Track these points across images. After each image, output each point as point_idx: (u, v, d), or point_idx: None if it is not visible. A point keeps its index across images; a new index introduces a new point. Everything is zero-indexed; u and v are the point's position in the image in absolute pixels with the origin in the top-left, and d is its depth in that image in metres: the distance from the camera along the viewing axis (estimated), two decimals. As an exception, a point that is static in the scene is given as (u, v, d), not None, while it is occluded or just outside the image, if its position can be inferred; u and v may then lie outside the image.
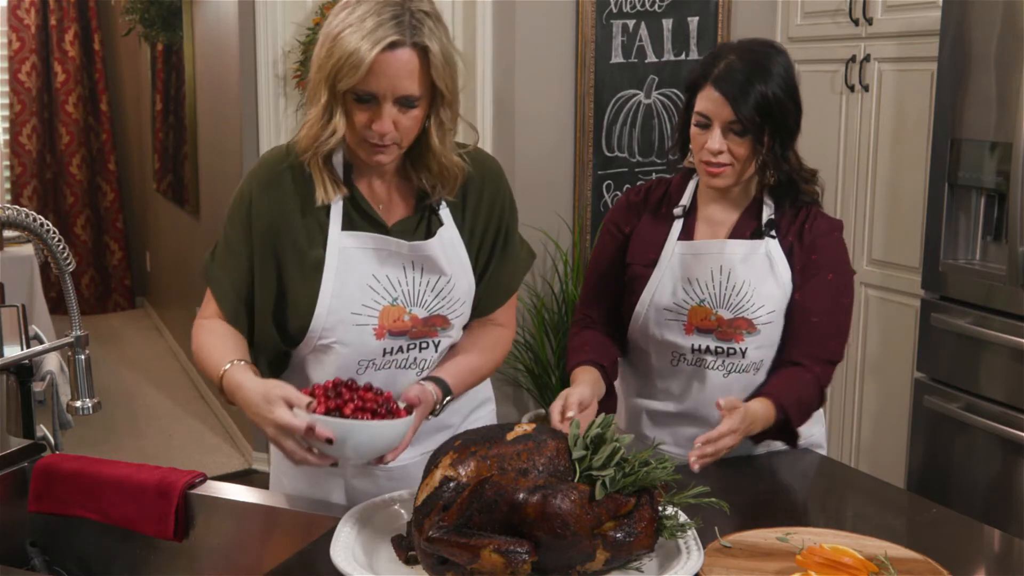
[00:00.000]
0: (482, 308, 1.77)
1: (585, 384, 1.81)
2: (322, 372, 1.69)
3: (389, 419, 1.47)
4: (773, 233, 1.90)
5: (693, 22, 3.93)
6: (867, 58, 3.46)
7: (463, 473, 1.36)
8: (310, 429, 1.43)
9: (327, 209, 1.66)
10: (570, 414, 1.66)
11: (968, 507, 2.82)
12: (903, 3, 3.34)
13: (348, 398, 1.47)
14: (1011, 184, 2.74)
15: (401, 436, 1.50)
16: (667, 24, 3.90)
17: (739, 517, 1.54)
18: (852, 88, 3.53)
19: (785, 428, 1.83)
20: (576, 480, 1.37)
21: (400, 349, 1.69)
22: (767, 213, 1.91)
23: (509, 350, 1.86)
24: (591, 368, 1.90)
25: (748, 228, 1.92)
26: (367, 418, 1.45)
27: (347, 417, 1.44)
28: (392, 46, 1.50)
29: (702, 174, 1.89)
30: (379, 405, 1.48)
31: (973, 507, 2.87)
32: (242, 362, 1.58)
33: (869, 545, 1.47)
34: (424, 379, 1.67)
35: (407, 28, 1.51)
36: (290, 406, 1.46)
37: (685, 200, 1.97)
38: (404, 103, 1.54)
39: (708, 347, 1.90)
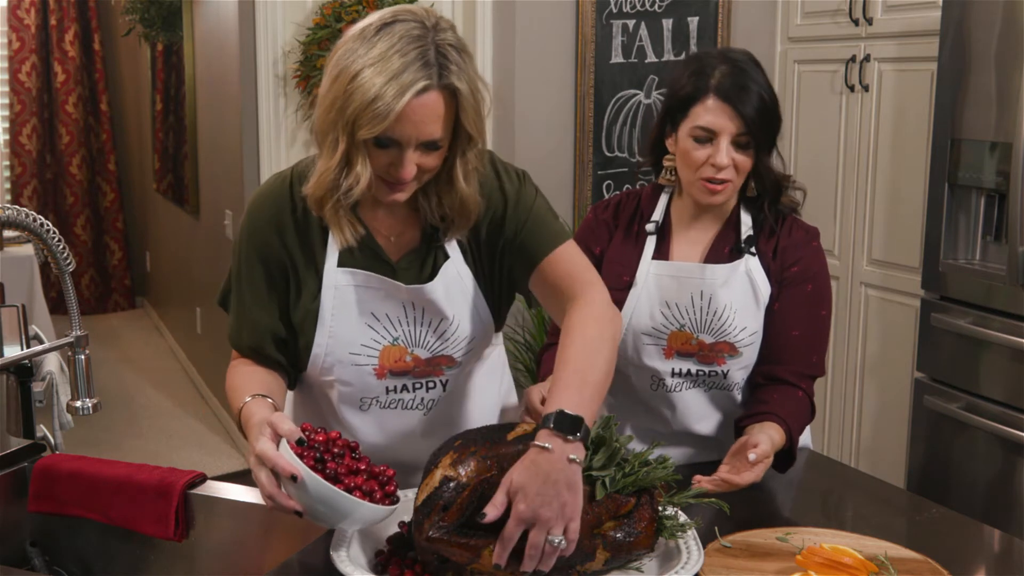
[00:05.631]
0: (531, 255, 1.59)
1: None
2: (327, 404, 1.67)
3: (371, 500, 1.35)
4: (753, 250, 1.85)
5: (693, 22, 3.93)
6: (867, 58, 3.46)
7: (463, 473, 1.36)
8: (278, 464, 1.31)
9: (323, 240, 1.56)
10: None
11: (968, 507, 2.82)
12: (903, 3, 3.34)
13: (336, 454, 1.37)
14: (1011, 184, 2.73)
15: (376, 521, 1.38)
16: (667, 24, 3.90)
17: (739, 517, 1.54)
18: (852, 88, 3.53)
19: (787, 454, 1.78)
20: (576, 480, 1.37)
21: (405, 388, 1.63)
22: (745, 230, 1.86)
23: (612, 317, 1.51)
24: None
25: (726, 244, 1.88)
26: (356, 494, 1.34)
27: (329, 479, 1.33)
28: (419, 92, 1.38)
29: (699, 192, 1.82)
30: (366, 478, 1.38)
31: (973, 507, 2.87)
32: (265, 398, 1.48)
33: (869, 545, 1.47)
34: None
35: (435, 69, 1.38)
36: (278, 436, 1.35)
37: (657, 216, 1.91)
38: (428, 147, 1.43)
39: (689, 371, 1.87)
